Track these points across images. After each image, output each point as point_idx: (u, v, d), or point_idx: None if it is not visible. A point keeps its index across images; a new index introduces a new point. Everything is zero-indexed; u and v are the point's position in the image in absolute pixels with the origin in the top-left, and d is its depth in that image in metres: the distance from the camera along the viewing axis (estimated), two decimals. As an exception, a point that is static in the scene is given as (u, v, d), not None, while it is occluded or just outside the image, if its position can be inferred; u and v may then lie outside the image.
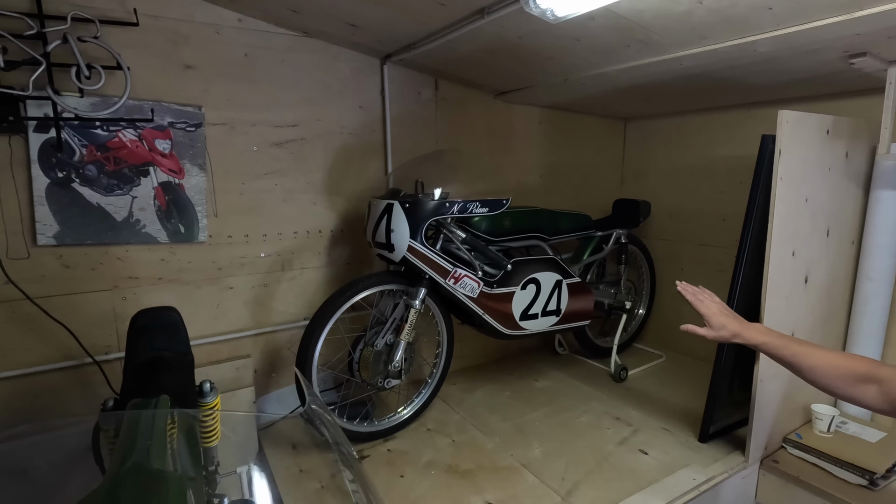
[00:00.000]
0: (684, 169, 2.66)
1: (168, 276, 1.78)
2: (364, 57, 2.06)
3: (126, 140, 1.63)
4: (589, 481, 1.62)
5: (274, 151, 1.92)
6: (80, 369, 1.65)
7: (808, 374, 1.17)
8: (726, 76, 1.81)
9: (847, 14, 1.21)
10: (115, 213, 1.65)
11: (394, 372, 1.82)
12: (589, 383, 2.36)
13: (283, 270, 2.01)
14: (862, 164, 1.82)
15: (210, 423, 1.13)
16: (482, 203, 1.82)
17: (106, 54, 1.52)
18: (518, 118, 2.54)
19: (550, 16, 1.25)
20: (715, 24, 1.38)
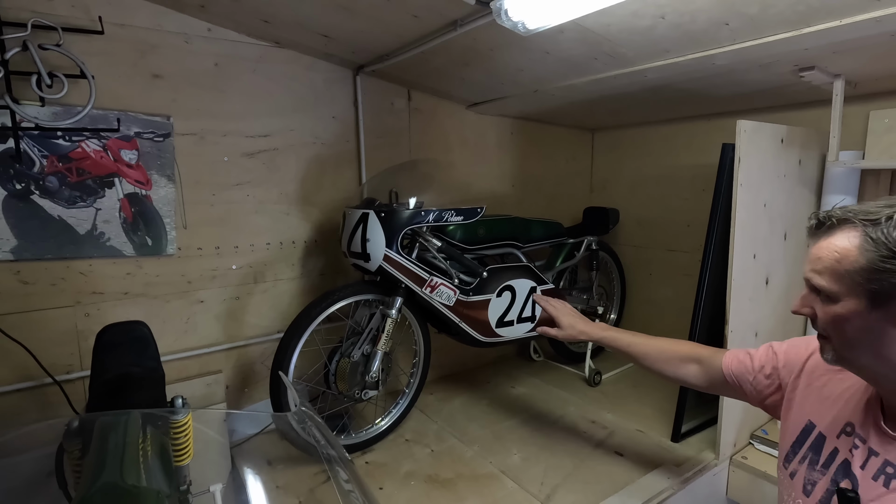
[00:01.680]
0: (650, 177, 2.76)
1: (135, 290, 1.72)
2: (337, 67, 2.06)
3: (90, 150, 1.58)
4: (567, 485, 1.64)
5: (245, 162, 1.89)
6: (39, 390, 1.57)
7: (643, 361, 1.34)
8: (688, 88, 1.90)
9: (796, 30, 1.29)
10: (77, 225, 1.59)
11: (371, 383, 1.80)
12: (564, 388, 2.40)
13: (256, 282, 1.97)
14: (814, 170, 1.92)
15: (182, 441, 1.10)
16: (457, 212, 1.83)
17: (69, 62, 1.47)
18: (490, 129, 2.58)
19: (522, 28, 1.28)
20: (676, 39, 1.44)
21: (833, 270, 0.72)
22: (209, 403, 1.77)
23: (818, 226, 0.76)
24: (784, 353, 1.04)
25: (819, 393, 0.90)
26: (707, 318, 1.81)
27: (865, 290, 0.69)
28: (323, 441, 0.87)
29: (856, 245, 0.70)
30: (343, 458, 0.87)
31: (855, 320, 0.71)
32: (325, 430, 0.92)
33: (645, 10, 1.29)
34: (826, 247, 0.74)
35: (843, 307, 0.72)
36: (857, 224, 0.70)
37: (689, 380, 1.25)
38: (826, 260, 0.73)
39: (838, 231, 0.73)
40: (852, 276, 0.70)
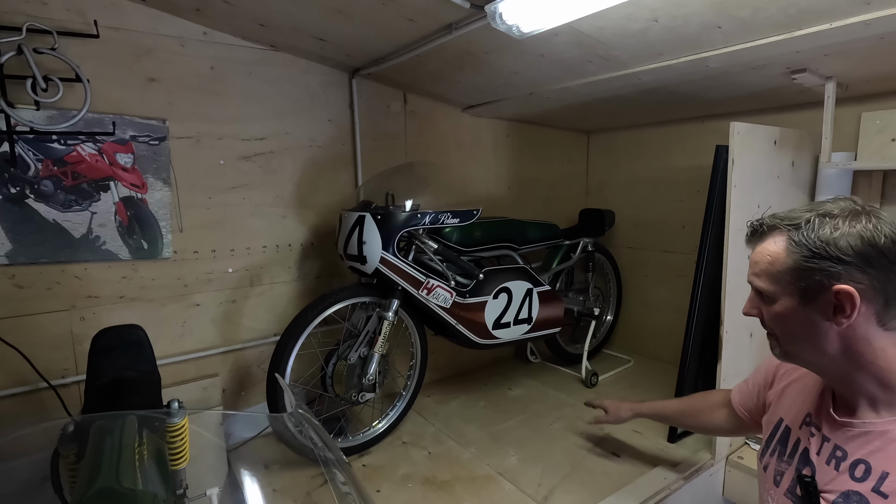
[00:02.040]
0: (645, 179, 2.77)
1: (130, 294, 1.72)
2: (333, 70, 2.06)
3: (85, 154, 1.58)
4: (565, 486, 1.64)
5: (242, 165, 1.89)
6: (34, 395, 1.56)
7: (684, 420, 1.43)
8: (681, 90, 1.91)
9: (788, 33, 1.30)
10: (72, 229, 1.58)
11: (368, 385, 1.80)
12: (561, 390, 2.40)
13: (252, 286, 1.97)
14: (807, 171, 1.94)
15: (178, 445, 1.09)
16: (453, 214, 1.84)
17: (64, 66, 1.47)
18: (486, 131, 2.59)
19: (516, 31, 1.29)
20: (669, 41, 1.46)
21: (768, 273, 0.79)
22: (206, 407, 1.76)
23: (753, 233, 0.83)
24: (764, 369, 1.11)
25: (787, 391, 0.96)
26: (702, 318, 1.82)
27: (796, 288, 0.76)
28: (320, 443, 0.87)
29: (783, 248, 0.77)
30: (340, 461, 0.87)
31: (791, 317, 0.78)
32: (322, 433, 0.92)
33: (638, 13, 1.30)
34: (760, 252, 0.81)
35: (780, 306, 0.79)
36: (783, 229, 0.78)
37: (722, 424, 1.27)
38: (761, 264, 0.80)
39: (769, 237, 0.80)
40: (784, 277, 0.77)
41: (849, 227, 0.72)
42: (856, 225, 0.72)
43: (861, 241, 0.71)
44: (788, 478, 0.84)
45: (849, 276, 0.71)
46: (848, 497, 0.74)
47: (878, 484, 0.71)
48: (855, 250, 0.71)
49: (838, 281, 0.72)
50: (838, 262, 0.72)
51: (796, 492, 0.82)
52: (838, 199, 0.79)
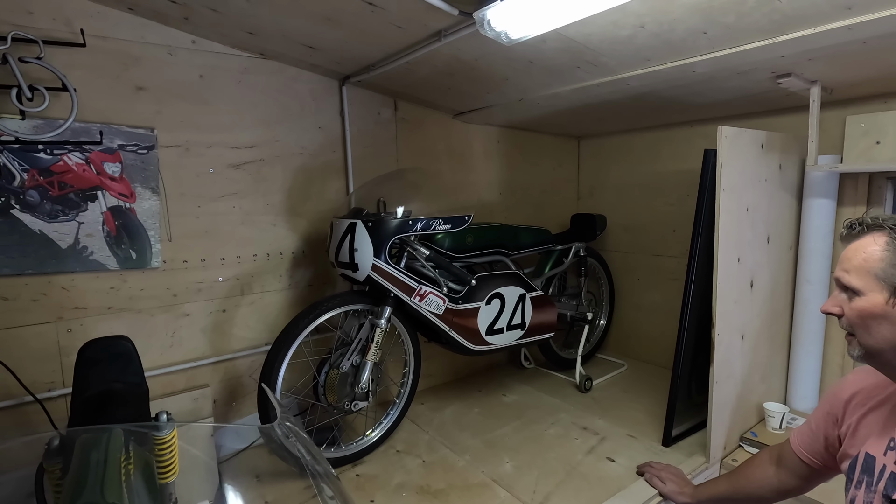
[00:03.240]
0: (635, 184, 2.79)
1: (118, 304, 1.69)
2: (323, 78, 2.06)
3: (72, 164, 1.56)
4: (560, 492, 1.63)
5: (231, 173, 1.88)
6: (19, 409, 1.53)
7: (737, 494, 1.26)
8: (670, 95, 1.93)
9: (772, 38, 1.32)
10: (59, 240, 1.56)
11: (361, 394, 1.79)
12: (555, 395, 2.40)
13: (243, 294, 1.95)
14: (794, 175, 1.96)
15: (167, 458, 1.08)
16: (445, 220, 1.84)
17: (50, 75, 1.46)
18: (477, 138, 2.60)
19: (505, 38, 1.30)
20: (656, 47, 1.47)
21: (860, 268, 0.82)
22: (196, 418, 1.74)
23: (850, 231, 0.87)
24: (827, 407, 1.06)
25: (863, 423, 0.94)
26: (694, 321, 1.83)
27: (887, 285, 0.79)
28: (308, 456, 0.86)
29: (881, 246, 0.80)
30: (328, 474, 0.86)
31: (878, 313, 0.80)
32: (310, 445, 0.91)
33: (625, 20, 1.31)
34: (855, 248, 0.84)
35: (867, 300, 0.81)
36: (885, 228, 0.82)
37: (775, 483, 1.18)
38: (855, 260, 0.83)
39: (868, 235, 0.83)
40: (876, 273, 0.80)
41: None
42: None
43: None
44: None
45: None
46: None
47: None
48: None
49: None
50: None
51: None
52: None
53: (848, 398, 1.00)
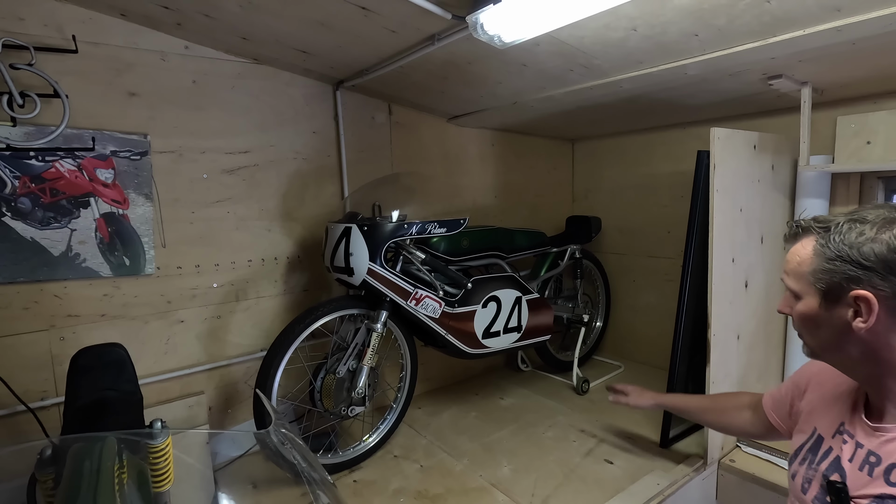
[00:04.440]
0: (630, 186, 2.80)
1: (112, 312, 1.68)
2: (317, 83, 2.06)
3: (64, 170, 1.55)
4: (558, 495, 1.63)
5: (225, 178, 1.87)
6: (11, 419, 1.52)
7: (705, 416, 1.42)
8: (662, 97, 1.94)
9: (762, 40, 1.33)
10: (51, 247, 1.55)
11: (357, 399, 1.78)
12: (553, 398, 2.39)
13: (238, 300, 1.94)
14: (786, 175, 1.98)
15: (162, 466, 1.07)
16: (440, 223, 1.84)
17: (42, 82, 1.45)
18: (471, 141, 2.60)
19: (498, 42, 1.30)
20: (649, 50, 1.48)
21: (796, 272, 0.82)
22: (191, 425, 1.72)
23: (790, 234, 0.87)
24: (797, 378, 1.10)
25: (820, 402, 0.97)
26: (690, 322, 1.83)
27: (818, 289, 0.79)
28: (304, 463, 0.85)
29: (811, 250, 0.80)
30: (324, 481, 0.85)
31: (814, 316, 0.81)
32: (306, 452, 0.90)
33: (617, 22, 1.32)
34: (793, 252, 0.84)
35: (805, 304, 0.82)
36: (815, 231, 0.81)
37: (747, 428, 1.28)
38: (791, 263, 0.84)
39: (803, 238, 0.83)
40: (808, 277, 0.80)
41: (876, 233, 0.73)
42: (885, 232, 0.73)
43: (886, 249, 0.72)
44: (816, 485, 0.85)
45: (868, 282, 0.73)
46: (883, 501, 0.74)
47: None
48: (878, 257, 0.72)
49: (858, 285, 0.74)
50: (859, 266, 0.73)
51: (825, 499, 0.82)
52: (879, 205, 0.79)
53: (814, 374, 1.03)
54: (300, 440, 0.92)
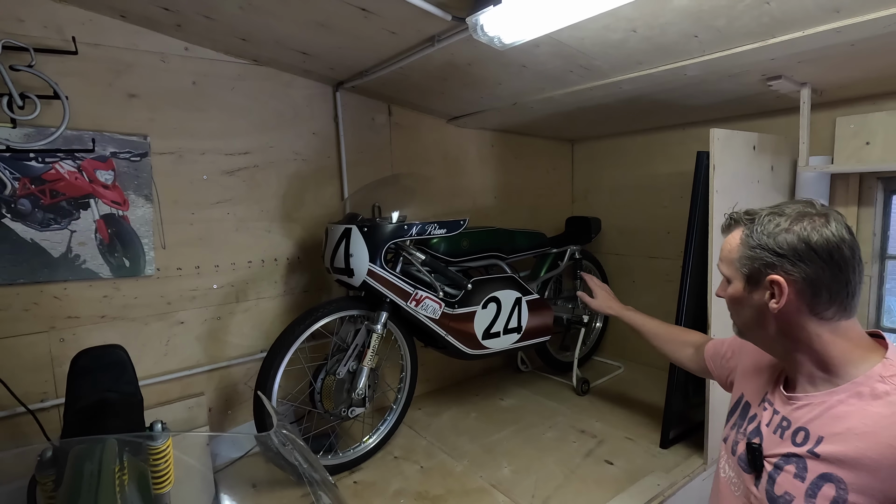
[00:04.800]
0: (629, 186, 2.80)
1: (112, 313, 1.68)
2: (316, 84, 2.06)
3: (64, 172, 1.55)
4: (559, 496, 1.63)
5: (225, 180, 1.87)
6: (11, 420, 1.51)
7: (653, 340, 1.53)
8: (662, 98, 1.94)
9: (762, 41, 1.33)
10: (51, 248, 1.55)
11: (358, 400, 1.78)
12: (553, 399, 2.39)
13: (238, 301, 1.94)
14: (786, 176, 1.98)
15: (162, 468, 1.06)
16: (440, 224, 1.84)
17: (42, 83, 1.45)
18: (471, 142, 2.61)
19: (498, 43, 1.31)
20: (648, 51, 1.48)
21: (727, 259, 0.92)
22: (191, 427, 1.72)
23: (725, 225, 0.96)
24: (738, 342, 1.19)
25: (750, 370, 1.06)
26: (690, 322, 1.84)
27: (742, 274, 0.89)
28: (305, 464, 0.85)
29: (738, 239, 0.89)
30: (326, 482, 0.85)
31: (739, 299, 0.90)
32: (308, 453, 0.90)
33: (616, 24, 1.32)
34: (726, 241, 0.94)
35: (733, 288, 0.91)
36: (743, 223, 0.90)
37: (684, 362, 1.42)
38: (724, 251, 0.94)
39: (735, 229, 0.92)
40: (735, 263, 0.90)
41: (790, 224, 0.83)
42: (798, 224, 0.82)
43: (797, 239, 0.81)
44: (742, 446, 0.94)
45: (782, 268, 0.83)
46: (787, 458, 0.84)
47: (814, 446, 0.81)
48: (790, 245, 0.82)
49: (773, 271, 0.84)
50: (774, 254, 0.83)
51: (747, 458, 0.92)
52: (799, 201, 0.88)
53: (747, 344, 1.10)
54: (301, 441, 0.92)
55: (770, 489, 0.84)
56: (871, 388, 0.78)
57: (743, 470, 0.92)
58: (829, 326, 0.83)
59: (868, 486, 0.73)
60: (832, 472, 0.77)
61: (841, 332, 0.83)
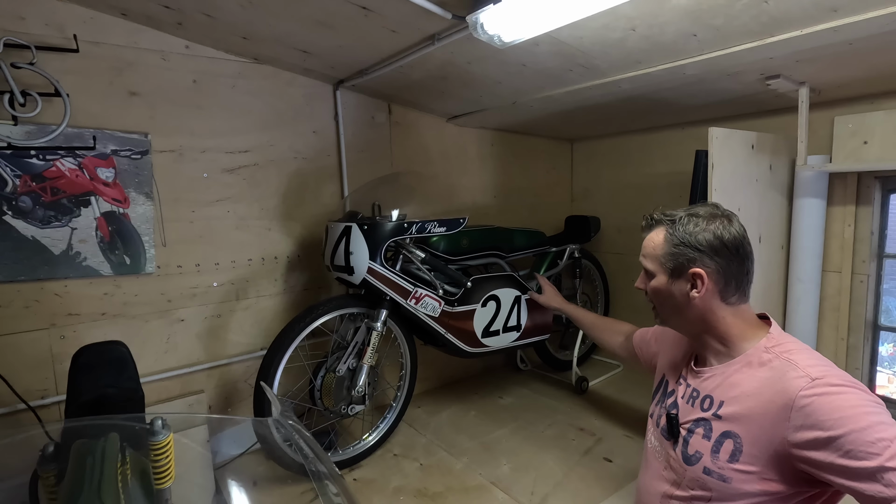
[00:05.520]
0: (629, 185, 2.81)
1: (112, 310, 1.68)
2: (317, 83, 2.07)
3: (65, 169, 1.56)
4: (557, 493, 1.64)
5: (226, 178, 1.88)
6: (12, 417, 1.52)
7: (589, 330, 1.75)
8: (661, 97, 1.95)
9: (760, 40, 1.34)
10: (52, 246, 1.55)
11: (357, 397, 1.78)
12: (552, 397, 2.40)
13: (238, 299, 1.95)
14: (784, 175, 1.98)
15: (163, 464, 1.07)
16: (440, 222, 1.84)
17: (43, 81, 1.46)
18: (471, 141, 2.61)
19: (498, 41, 1.31)
20: (647, 50, 1.49)
21: (651, 256, 1.02)
22: (192, 424, 1.72)
23: (646, 225, 1.06)
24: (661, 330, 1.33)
25: (670, 353, 1.18)
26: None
27: (667, 268, 0.99)
28: (311, 455, 0.86)
29: (662, 238, 1.00)
30: (332, 473, 0.86)
31: (663, 290, 1.01)
32: (313, 444, 0.91)
33: (616, 23, 1.33)
34: (649, 239, 1.04)
35: (657, 281, 1.02)
36: (665, 223, 1.01)
37: (616, 349, 1.59)
38: (648, 248, 1.04)
39: (656, 228, 1.03)
40: (660, 259, 1.00)
41: (706, 224, 0.96)
42: (712, 224, 0.96)
43: (713, 237, 0.95)
44: (663, 419, 1.06)
45: (701, 262, 0.95)
46: (697, 423, 0.97)
47: (717, 410, 0.94)
48: (708, 243, 0.95)
49: (694, 264, 0.96)
50: (696, 250, 0.95)
51: (667, 428, 1.03)
52: (706, 204, 1.01)
53: (669, 331, 1.23)
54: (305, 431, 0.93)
55: (685, 450, 0.98)
56: (758, 358, 0.93)
57: (665, 438, 1.04)
58: (732, 310, 0.97)
59: (757, 436, 0.87)
60: (731, 430, 0.91)
61: (739, 314, 0.98)
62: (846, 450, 0.75)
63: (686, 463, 0.97)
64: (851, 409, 0.78)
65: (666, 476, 1.03)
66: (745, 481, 0.88)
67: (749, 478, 0.87)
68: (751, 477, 0.87)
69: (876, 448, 0.73)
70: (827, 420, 0.78)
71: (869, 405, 0.79)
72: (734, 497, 0.89)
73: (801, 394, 0.82)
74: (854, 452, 0.75)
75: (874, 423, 0.75)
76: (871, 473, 0.73)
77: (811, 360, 0.88)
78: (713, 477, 0.92)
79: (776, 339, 0.94)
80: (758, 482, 0.87)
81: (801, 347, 0.92)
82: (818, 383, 0.82)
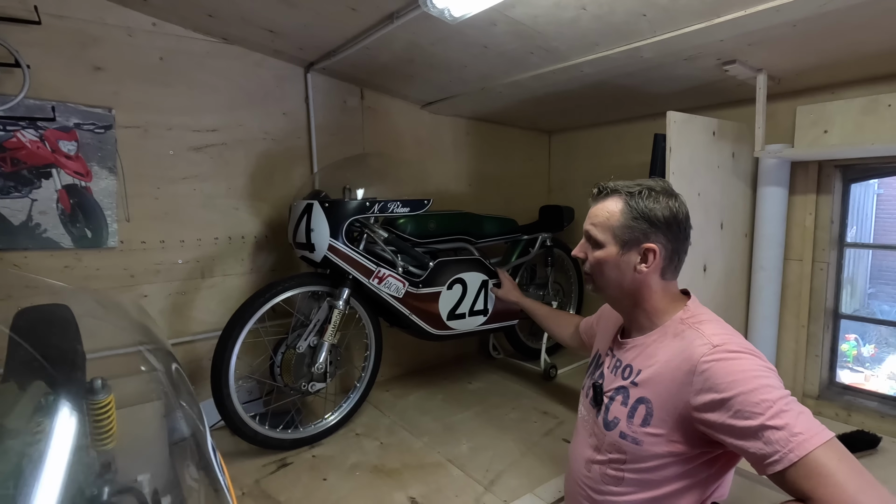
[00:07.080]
0: (604, 177, 2.78)
1: (73, 283, 1.69)
2: (287, 65, 2.08)
3: (25, 140, 1.57)
4: (512, 471, 1.65)
5: (192, 156, 1.89)
6: (-34, 385, 1.52)
7: (542, 321, 1.82)
8: (624, 83, 1.97)
9: (708, 21, 1.36)
10: (11, 216, 1.56)
11: (318, 374, 1.79)
12: (520, 383, 2.42)
13: (203, 277, 1.96)
14: (748, 164, 2.01)
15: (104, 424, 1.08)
16: (403, 203, 1.86)
17: (3, 51, 1.47)
18: (446, 129, 2.63)
19: (448, 16, 1.33)
20: (601, 31, 1.51)
21: (604, 225, 1.01)
22: (149, 399, 1.73)
23: (599, 193, 1.06)
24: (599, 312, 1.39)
25: (603, 331, 1.23)
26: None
27: (620, 240, 0.99)
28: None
29: (619, 209, 0.99)
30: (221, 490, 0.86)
31: (609, 261, 1.01)
32: None
33: (566, 0, 1.35)
34: (601, 208, 1.03)
35: (605, 252, 1.01)
36: (623, 194, 1.00)
37: (566, 339, 1.65)
38: (600, 217, 1.02)
39: (611, 198, 1.02)
40: (614, 230, 1.00)
41: (664, 201, 0.98)
42: (668, 201, 0.98)
43: (669, 213, 0.97)
44: (591, 389, 1.10)
45: (656, 237, 0.97)
46: (618, 391, 1.00)
47: (635, 377, 0.98)
48: (665, 219, 0.97)
49: (648, 239, 0.97)
50: (652, 225, 0.97)
51: (593, 397, 1.08)
52: (658, 179, 1.03)
53: (605, 312, 1.30)
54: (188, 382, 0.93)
55: (605, 416, 1.01)
56: (673, 329, 0.96)
57: (592, 406, 1.08)
58: (664, 284, 1.00)
59: (665, 400, 0.90)
60: (644, 395, 0.95)
61: (668, 289, 1.01)
62: (735, 410, 0.79)
63: (605, 428, 1.01)
64: (742, 373, 0.81)
65: (590, 442, 1.07)
66: (654, 444, 0.92)
67: (658, 440, 0.91)
68: (659, 440, 0.91)
69: (759, 408, 0.77)
70: (721, 383, 0.82)
71: (760, 370, 0.82)
72: (645, 459, 0.93)
73: (703, 359, 0.85)
74: (741, 412, 0.78)
75: (761, 386, 0.79)
76: (753, 431, 0.77)
77: (717, 329, 0.91)
78: (627, 440, 0.95)
79: (691, 311, 0.98)
80: (665, 444, 0.91)
81: (711, 319, 0.96)
82: (718, 349, 0.85)
